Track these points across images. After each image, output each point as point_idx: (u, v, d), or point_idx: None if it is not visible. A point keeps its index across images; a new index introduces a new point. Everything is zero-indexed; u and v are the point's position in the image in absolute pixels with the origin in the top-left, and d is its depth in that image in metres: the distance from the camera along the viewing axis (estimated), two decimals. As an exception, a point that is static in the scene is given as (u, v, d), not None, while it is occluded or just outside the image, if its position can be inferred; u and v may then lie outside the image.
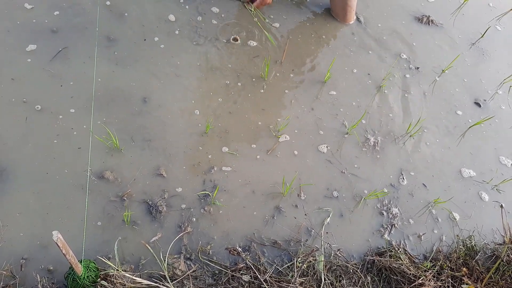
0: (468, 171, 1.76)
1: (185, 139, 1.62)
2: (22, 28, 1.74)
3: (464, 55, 2.10)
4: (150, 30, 1.85)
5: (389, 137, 1.78)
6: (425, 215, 1.62)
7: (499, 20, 2.29)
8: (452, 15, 2.25)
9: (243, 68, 1.84)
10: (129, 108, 1.64)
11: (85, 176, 1.47)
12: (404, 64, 2.01)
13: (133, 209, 1.45)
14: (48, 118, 1.56)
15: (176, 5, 1.95)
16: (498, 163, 1.81)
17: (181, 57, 1.81)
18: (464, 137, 1.84)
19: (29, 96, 1.59)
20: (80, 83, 1.66)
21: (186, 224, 1.45)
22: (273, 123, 1.71)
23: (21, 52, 1.68)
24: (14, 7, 1.79)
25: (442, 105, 1.92)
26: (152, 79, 1.73)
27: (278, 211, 1.53)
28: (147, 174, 1.52)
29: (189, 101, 1.71)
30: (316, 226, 1.53)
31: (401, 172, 1.70)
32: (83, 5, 1.85)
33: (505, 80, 2.04)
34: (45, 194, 1.42)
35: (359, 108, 1.83)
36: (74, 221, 1.39)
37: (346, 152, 1.71)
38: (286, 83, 1.84)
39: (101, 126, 1.57)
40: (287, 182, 1.57)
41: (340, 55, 1.97)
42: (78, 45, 1.75)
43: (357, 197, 1.61)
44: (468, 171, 1.76)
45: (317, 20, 2.06)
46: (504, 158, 1.82)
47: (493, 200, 1.70)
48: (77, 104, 1.61)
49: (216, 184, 1.54)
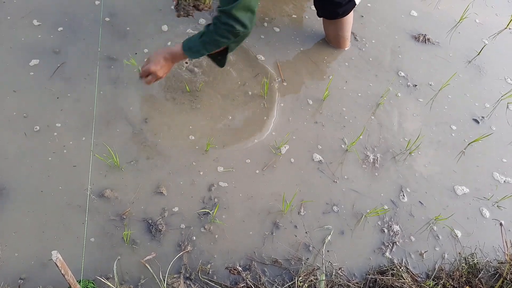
0: (469, 188, 1.75)
1: (185, 157, 1.62)
2: (27, 44, 1.77)
3: (461, 72, 2.13)
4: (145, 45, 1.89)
5: (388, 154, 1.79)
6: (426, 232, 1.61)
7: (495, 38, 2.33)
8: (448, 33, 2.29)
9: (243, 85, 1.86)
10: (130, 126, 1.65)
11: (83, 194, 1.47)
12: (402, 81, 2.04)
13: (133, 227, 1.44)
14: (46, 135, 1.57)
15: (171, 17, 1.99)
16: (496, 179, 1.80)
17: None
18: (464, 154, 1.85)
19: (28, 112, 1.61)
20: (80, 100, 1.68)
21: (186, 243, 1.44)
22: (272, 140, 1.72)
23: (25, 67, 1.71)
24: (23, 24, 1.84)
25: (440, 122, 1.93)
26: (151, 98, 1.75)
27: (278, 229, 1.53)
28: (147, 192, 1.52)
29: (189, 119, 1.72)
30: (317, 244, 1.52)
31: (401, 189, 1.70)
32: (85, 22, 1.89)
33: (502, 97, 2.06)
34: (42, 213, 1.42)
35: (358, 126, 1.84)
36: (71, 240, 1.38)
37: (346, 169, 1.71)
38: (284, 101, 1.85)
39: (101, 144, 1.58)
40: (287, 199, 1.57)
41: (338, 73, 2.00)
42: (79, 62, 1.77)
43: (357, 214, 1.61)
44: (468, 188, 1.75)
45: (312, 45, 2.10)
46: (497, 175, 1.82)
47: (493, 218, 1.69)
48: (77, 122, 1.62)
49: (216, 202, 1.54)
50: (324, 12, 1.97)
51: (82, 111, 1.66)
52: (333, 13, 1.93)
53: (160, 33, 1.94)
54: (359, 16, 2.25)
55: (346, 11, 1.91)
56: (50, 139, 1.57)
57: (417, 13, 2.34)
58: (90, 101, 1.67)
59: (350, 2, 1.88)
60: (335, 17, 1.95)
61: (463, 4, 2.43)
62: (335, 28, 2.02)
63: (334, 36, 2.05)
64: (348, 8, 1.90)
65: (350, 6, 1.90)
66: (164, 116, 1.71)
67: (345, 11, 1.91)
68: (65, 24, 1.88)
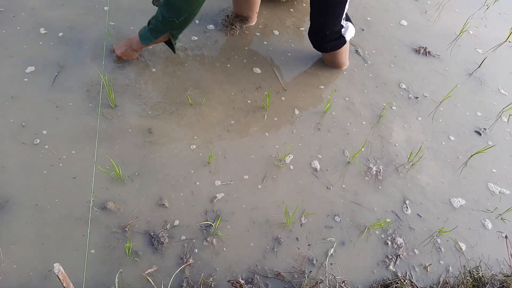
0: (468, 200, 1.75)
1: (188, 169, 1.63)
2: (29, 51, 1.80)
3: (462, 84, 2.15)
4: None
5: (391, 166, 1.78)
6: (430, 245, 1.60)
7: (495, 51, 2.35)
8: (448, 46, 2.31)
9: (244, 98, 1.87)
10: (133, 138, 1.66)
11: (85, 206, 1.46)
12: (403, 94, 2.05)
13: (135, 240, 1.43)
14: (46, 145, 1.58)
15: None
16: (497, 191, 1.80)
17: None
18: (466, 166, 1.85)
19: (28, 122, 1.62)
20: (83, 111, 1.69)
21: (188, 256, 1.43)
22: (274, 152, 1.73)
23: (23, 74, 1.73)
24: (32, 33, 1.87)
25: (442, 134, 1.94)
26: (154, 109, 1.76)
27: (280, 241, 1.52)
28: (150, 204, 1.52)
29: (191, 131, 1.73)
30: (320, 257, 1.50)
31: (405, 201, 1.69)
32: (90, 38, 1.92)
33: (504, 109, 2.07)
34: (43, 225, 1.41)
35: (360, 137, 1.85)
36: (72, 252, 1.37)
37: (348, 181, 1.71)
38: (286, 113, 1.86)
39: (104, 156, 1.59)
40: (289, 211, 1.56)
41: (340, 86, 2.01)
42: (81, 70, 1.79)
43: (360, 226, 1.60)
44: (471, 199, 1.75)
45: (313, 58, 2.12)
46: (496, 187, 1.82)
47: (497, 231, 1.68)
48: (80, 133, 1.63)
49: (219, 214, 1.53)
50: (314, 44, 1.94)
51: (85, 121, 1.67)
52: (322, 48, 1.91)
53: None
54: (359, 30, 2.28)
55: (335, 46, 1.88)
56: (50, 150, 1.58)
57: (417, 27, 2.37)
58: (94, 112, 1.68)
59: (340, 39, 1.84)
60: (324, 51, 1.93)
61: (463, 18, 2.47)
62: (329, 55, 2.00)
63: (330, 61, 2.04)
64: (338, 44, 1.86)
65: (340, 43, 1.86)
66: (167, 128, 1.72)
67: (334, 47, 1.88)
68: (69, 33, 1.91)
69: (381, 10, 2.41)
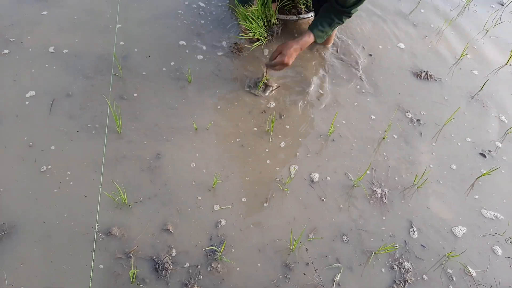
0: (480, 221, 1.72)
1: (192, 194, 1.63)
2: (36, 72, 1.84)
3: (464, 107, 2.16)
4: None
5: (396, 189, 1.78)
6: (439, 270, 1.57)
7: (496, 73, 2.37)
8: (449, 69, 2.34)
9: (249, 122, 1.89)
10: (139, 163, 1.68)
11: (90, 232, 1.46)
12: (405, 117, 2.06)
13: (140, 266, 1.42)
14: (53, 170, 1.60)
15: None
16: (502, 214, 1.78)
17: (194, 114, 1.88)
18: (472, 188, 1.83)
19: (35, 143, 1.64)
20: (90, 136, 1.72)
21: (193, 282, 1.41)
22: (278, 176, 1.73)
23: (25, 97, 1.77)
24: (42, 52, 1.92)
25: (445, 157, 1.93)
26: (162, 134, 1.78)
27: (286, 267, 1.50)
28: (154, 230, 1.52)
29: (197, 156, 1.75)
30: (327, 283, 1.48)
31: (411, 225, 1.68)
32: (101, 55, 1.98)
33: (508, 131, 2.07)
34: (49, 251, 1.41)
35: (363, 160, 1.85)
36: (77, 280, 1.36)
37: (353, 204, 1.70)
38: (290, 136, 1.88)
39: (110, 181, 1.60)
40: (294, 235, 1.55)
41: (343, 109, 2.03)
42: (90, 95, 1.83)
43: (367, 251, 1.58)
44: (480, 221, 1.72)
45: (315, 82, 2.15)
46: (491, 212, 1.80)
47: (506, 256, 1.65)
48: (86, 159, 1.65)
49: (223, 239, 1.52)
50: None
51: (91, 146, 1.69)
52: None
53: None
54: (367, 55, 2.32)
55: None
56: (57, 175, 1.59)
57: (417, 51, 2.41)
58: (101, 137, 1.71)
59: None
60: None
61: (463, 42, 2.51)
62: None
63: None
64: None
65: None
66: (173, 153, 1.73)
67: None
68: (78, 56, 1.97)
69: (382, 35, 2.46)
